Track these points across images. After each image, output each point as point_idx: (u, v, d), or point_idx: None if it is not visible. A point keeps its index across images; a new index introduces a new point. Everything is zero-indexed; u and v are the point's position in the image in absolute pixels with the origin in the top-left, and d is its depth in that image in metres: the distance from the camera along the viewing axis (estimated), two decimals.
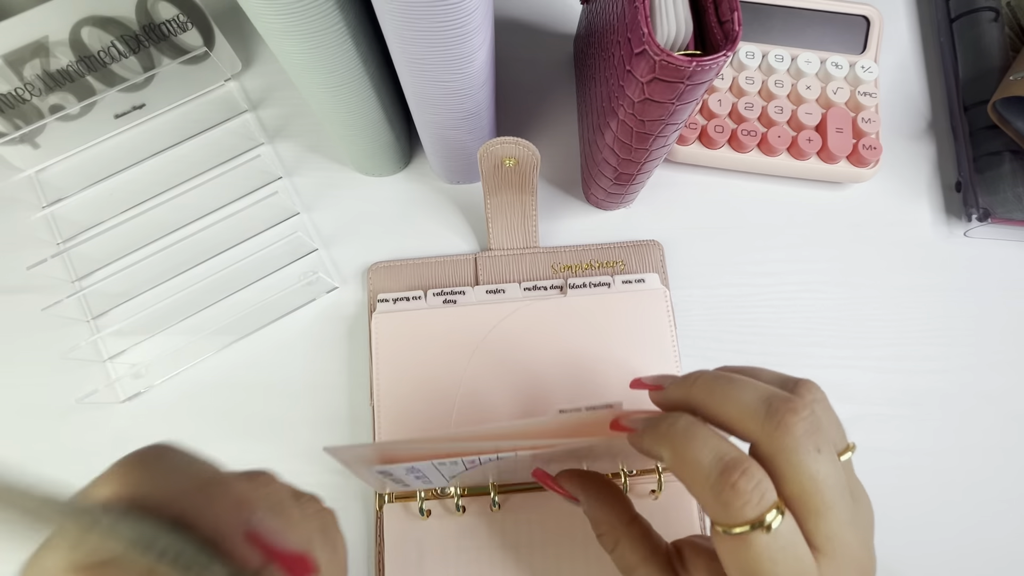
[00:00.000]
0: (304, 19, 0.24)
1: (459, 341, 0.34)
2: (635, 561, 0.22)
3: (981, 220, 0.37)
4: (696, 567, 0.20)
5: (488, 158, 0.32)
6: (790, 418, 0.18)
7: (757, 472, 0.17)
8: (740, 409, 0.18)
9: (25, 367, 0.36)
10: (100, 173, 0.39)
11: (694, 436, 0.18)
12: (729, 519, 0.17)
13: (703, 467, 0.17)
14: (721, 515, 0.17)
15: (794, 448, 0.17)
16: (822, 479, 0.17)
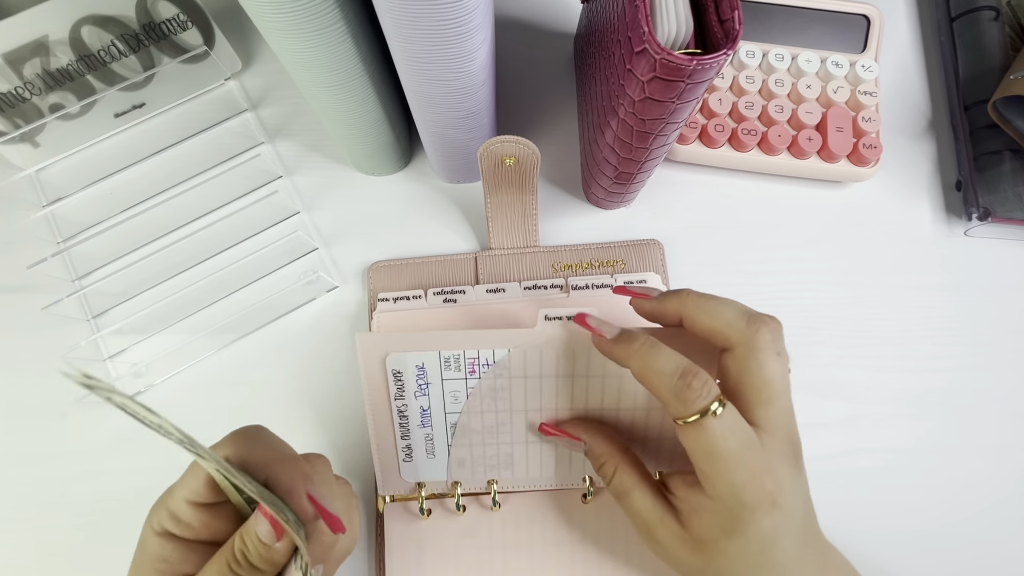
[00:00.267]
0: (304, 18, 0.24)
1: None
2: (630, 484, 0.26)
3: (981, 219, 0.37)
4: (675, 483, 0.25)
5: (488, 157, 0.32)
6: (764, 326, 0.23)
7: (704, 375, 0.23)
8: (726, 318, 0.24)
9: (25, 367, 0.36)
10: (100, 172, 0.39)
11: (659, 351, 0.24)
12: (686, 411, 0.22)
13: (666, 373, 0.23)
14: (680, 409, 0.23)
15: (764, 348, 0.23)
16: (779, 376, 0.24)
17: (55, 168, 0.39)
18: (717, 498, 0.23)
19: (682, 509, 0.25)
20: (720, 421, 0.22)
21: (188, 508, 0.22)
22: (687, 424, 0.23)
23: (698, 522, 0.24)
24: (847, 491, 0.34)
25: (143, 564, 0.22)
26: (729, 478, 0.22)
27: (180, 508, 0.22)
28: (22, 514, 0.33)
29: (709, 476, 0.23)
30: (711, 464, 0.23)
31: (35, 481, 0.34)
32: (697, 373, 0.23)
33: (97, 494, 0.34)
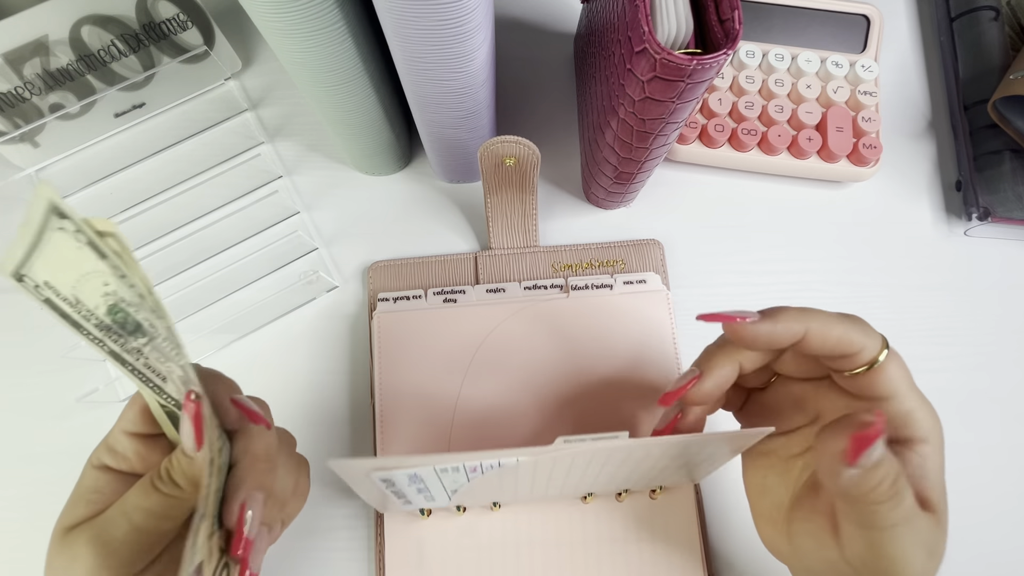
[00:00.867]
0: (304, 18, 0.24)
1: (460, 340, 0.34)
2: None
3: (981, 219, 0.37)
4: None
5: (488, 157, 0.32)
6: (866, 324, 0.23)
7: None
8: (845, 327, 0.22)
9: (25, 367, 0.36)
10: (100, 172, 0.39)
11: (815, 310, 0.22)
12: (878, 344, 0.22)
13: (839, 316, 0.22)
14: (873, 344, 0.22)
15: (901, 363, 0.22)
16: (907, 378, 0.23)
17: (55, 168, 0.39)
18: (931, 432, 0.23)
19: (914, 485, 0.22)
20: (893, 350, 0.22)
21: (124, 439, 0.22)
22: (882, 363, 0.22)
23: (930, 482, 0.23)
24: None
25: (77, 498, 0.22)
26: (922, 398, 0.22)
27: (117, 440, 0.22)
28: (22, 514, 0.33)
29: (913, 408, 0.22)
30: (911, 388, 0.22)
31: (35, 481, 0.34)
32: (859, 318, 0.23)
33: None
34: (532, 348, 0.34)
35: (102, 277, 0.19)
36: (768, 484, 0.25)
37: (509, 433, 0.33)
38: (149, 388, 0.22)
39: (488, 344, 0.34)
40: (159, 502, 0.21)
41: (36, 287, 0.19)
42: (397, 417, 0.33)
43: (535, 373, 0.34)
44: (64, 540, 0.21)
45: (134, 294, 0.20)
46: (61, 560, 0.21)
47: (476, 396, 0.34)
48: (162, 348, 0.21)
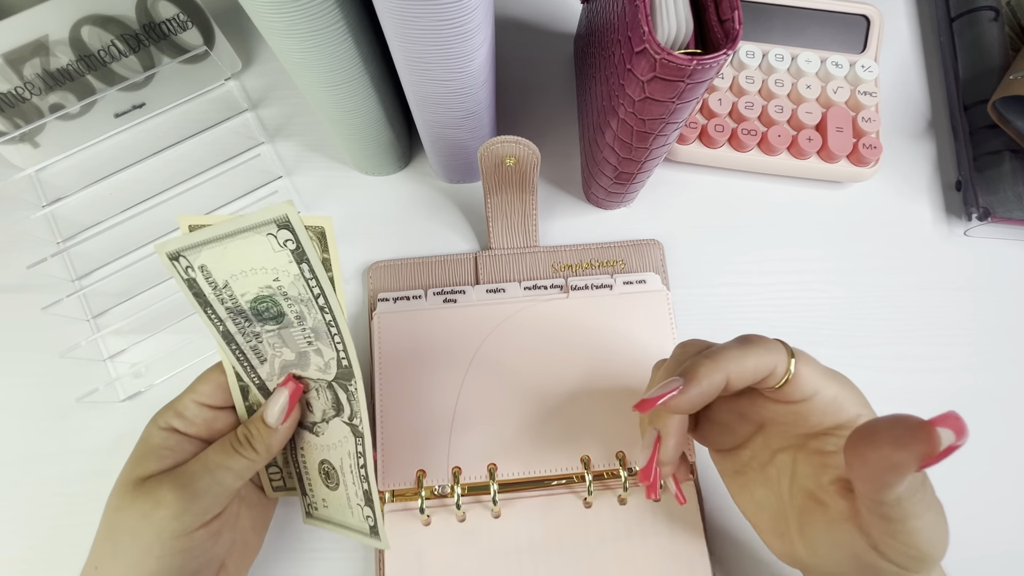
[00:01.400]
0: (304, 18, 0.24)
1: (460, 340, 0.34)
2: None
3: (981, 219, 0.37)
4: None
5: (488, 157, 0.32)
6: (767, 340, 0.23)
7: None
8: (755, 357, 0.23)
9: (25, 367, 0.36)
10: (100, 172, 0.39)
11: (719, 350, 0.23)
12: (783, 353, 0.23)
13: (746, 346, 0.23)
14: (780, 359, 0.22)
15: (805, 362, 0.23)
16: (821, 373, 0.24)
17: (55, 168, 0.39)
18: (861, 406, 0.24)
19: None
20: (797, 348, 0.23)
21: (195, 407, 0.26)
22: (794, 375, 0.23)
23: None
24: None
25: (146, 453, 0.25)
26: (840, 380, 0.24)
27: (187, 407, 0.26)
28: (22, 514, 0.33)
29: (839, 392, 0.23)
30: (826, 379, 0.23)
31: (35, 481, 0.34)
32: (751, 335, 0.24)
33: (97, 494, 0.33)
34: (532, 348, 0.34)
35: (278, 274, 0.23)
36: (759, 498, 0.26)
37: (509, 433, 0.33)
38: (242, 366, 0.26)
39: (488, 344, 0.34)
40: (238, 462, 0.25)
41: (187, 268, 0.23)
42: (397, 417, 0.33)
43: (535, 373, 0.34)
44: (142, 488, 0.24)
45: (306, 289, 0.23)
46: (143, 504, 0.24)
47: (476, 396, 0.34)
48: (291, 336, 0.25)
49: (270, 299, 0.24)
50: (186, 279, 0.23)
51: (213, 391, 0.26)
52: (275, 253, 0.23)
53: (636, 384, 0.34)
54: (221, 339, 0.25)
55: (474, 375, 0.34)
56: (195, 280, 0.23)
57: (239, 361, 0.26)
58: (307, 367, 0.26)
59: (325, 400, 0.26)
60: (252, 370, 0.26)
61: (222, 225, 0.22)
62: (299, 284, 0.23)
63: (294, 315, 0.24)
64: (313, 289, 0.23)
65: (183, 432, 0.26)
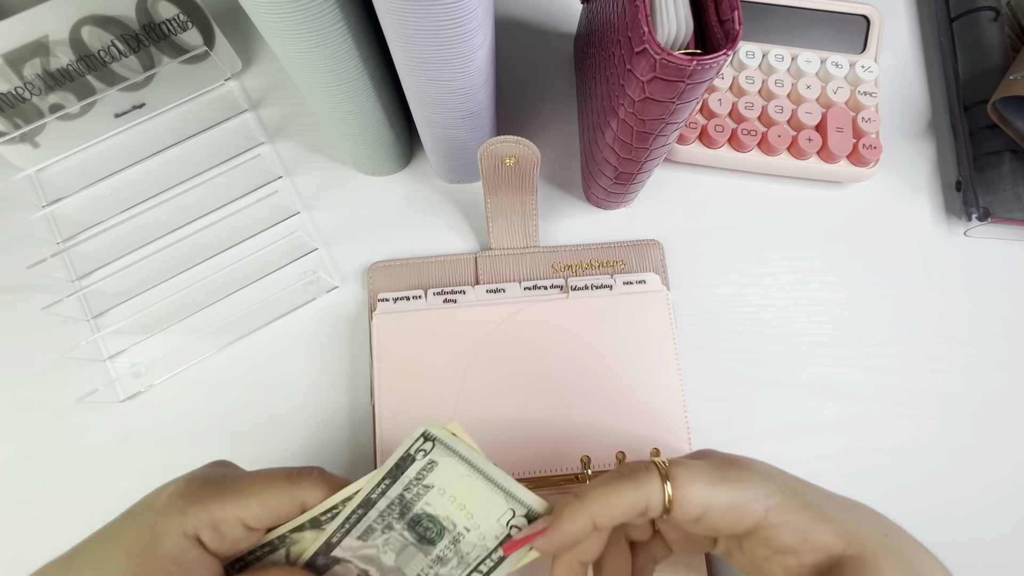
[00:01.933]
0: (304, 18, 0.24)
1: (460, 341, 0.34)
2: None
3: (981, 219, 0.37)
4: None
5: (488, 157, 0.32)
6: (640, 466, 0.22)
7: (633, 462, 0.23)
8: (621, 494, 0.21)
9: (25, 367, 0.36)
10: (100, 172, 0.39)
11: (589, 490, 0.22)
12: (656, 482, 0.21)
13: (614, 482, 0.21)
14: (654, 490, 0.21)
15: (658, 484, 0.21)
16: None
17: (55, 168, 0.39)
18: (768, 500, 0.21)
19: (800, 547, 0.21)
20: (674, 462, 0.22)
21: (238, 527, 0.21)
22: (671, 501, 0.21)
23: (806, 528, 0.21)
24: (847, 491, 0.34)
25: (154, 560, 0.20)
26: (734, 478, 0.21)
27: (230, 524, 0.21)
28: (22, 514, 0.33)
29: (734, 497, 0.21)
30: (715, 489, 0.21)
31: (35, 481, 0.34)
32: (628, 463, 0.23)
33: (97, 494, 0.34)
34: (532, 348, 0.34)
35: (473, 528, 0.22)
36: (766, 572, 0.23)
37: (509, 433, 0.33)
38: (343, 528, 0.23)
39: (488, 344, 0.34)
40: None
41: (420, 451, 0.23)
42: (396, 417, 0.33)
43: (535, 373, 0.34)
44: None
45: (478, 560, 0.22)
46: None
47: (476, 396, 0.34)
48: (414, 561, 0.23)
49: (440, 528, 0.22)
50: (408, 453, 0.23)
51: (266, 517, 0.21)
52: (495, 520, 0.22)
53: (636, 384, 0.34)
54: (361, 501, 0.23)
55: (474, 375, 0.34)
56: (412, 459, 0.23)
57: (346, 520, 0.23)
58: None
59: None
60: (344, 532, 0.23)
61: (484, 460, 0.22)
62: (477, 551, 0.22)
63: (438, 554, 0.22)
64: (482, 566, 0.22)
65: (206, 546, 0.21)
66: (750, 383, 0.36)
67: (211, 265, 0.37)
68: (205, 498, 0.21)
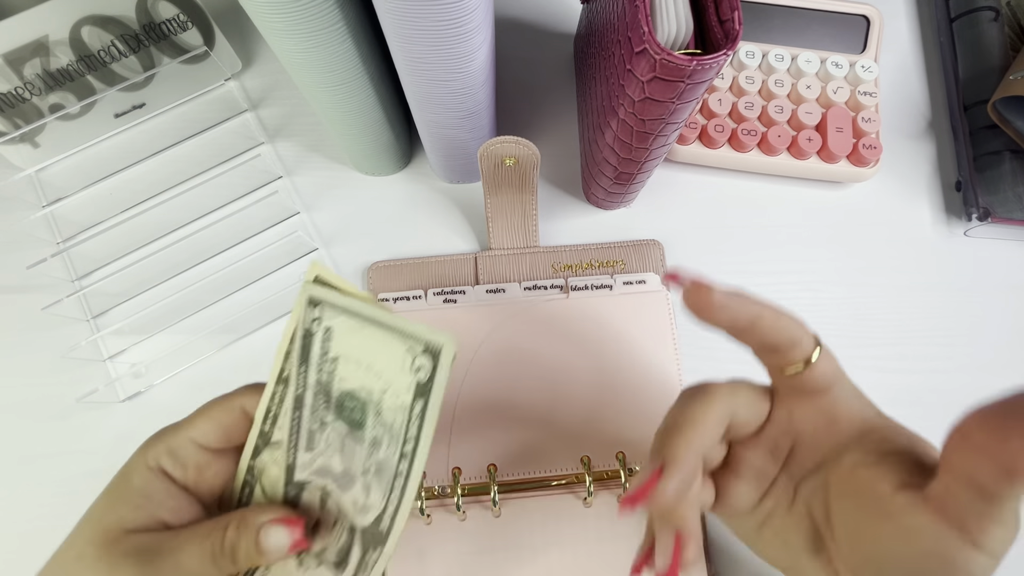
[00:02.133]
0: (304, 18, 0.24)
1: (460, 341, 0.34)
2: None
3: (981, 219, 0.37)
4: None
5: (488, 157, 0.32)
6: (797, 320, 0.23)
7: None
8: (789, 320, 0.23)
9: (25, 367, 0.36)
10: (100, 172, 0.39)
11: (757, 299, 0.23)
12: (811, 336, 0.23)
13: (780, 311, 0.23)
14: (809, 338, 0.23)
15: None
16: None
17: (55, 168, 0.39)
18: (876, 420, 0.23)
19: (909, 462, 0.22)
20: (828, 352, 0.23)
21: (193, 448, 0.22)
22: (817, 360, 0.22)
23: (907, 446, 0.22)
24: None
25: (124, 495, 0.22)
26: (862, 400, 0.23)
27: (183, 446, 0.22)
28: (22, 514, 0.33)
29: (852, 393, 0.24)
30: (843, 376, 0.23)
31: (36, 481, 0.34)
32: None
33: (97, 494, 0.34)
34: (532, 349, 0.34)
35: (387, 390, 0.20)
36: (792, 543, 0.24)
37: (509, 433, 0.33)
38: (290, 436, 0.22)
39: (488, 345, 0.34)
40: (212, 573, 0.21)
41: (316, 320, 0.21)
42: None
43: (535, 373, 0.34)
44: (107, 553, 0.20)
45: (402, 426, 0.20)
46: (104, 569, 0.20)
47: (475, 397, 0.34)
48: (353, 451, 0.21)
49: (360, 404, 0.21)
50: (306, 328, 0.21)
51: (215, 432, 0.22)
52: (400, 369, 0.20)
53: (636, 384, 0.34)
54: (292, 401, 0.22)
55: (474, 376, 0.34)
56: (312, 335, 0.21)
57: (291, 430, 0.22)
58: (344, 491, 0.21)
59: (335, 540, 0.22)
60: (294, 446, 0.22)
61: (371, 307, 0.20)
62: (400, 415, 0.20)
63: (370, 437, 0.21)
64: (409, 430, 0.20)
65: (170, 475, 0.22)
66: None
67: (211, 265, 0.37)
68: (161, 434, 0.23)
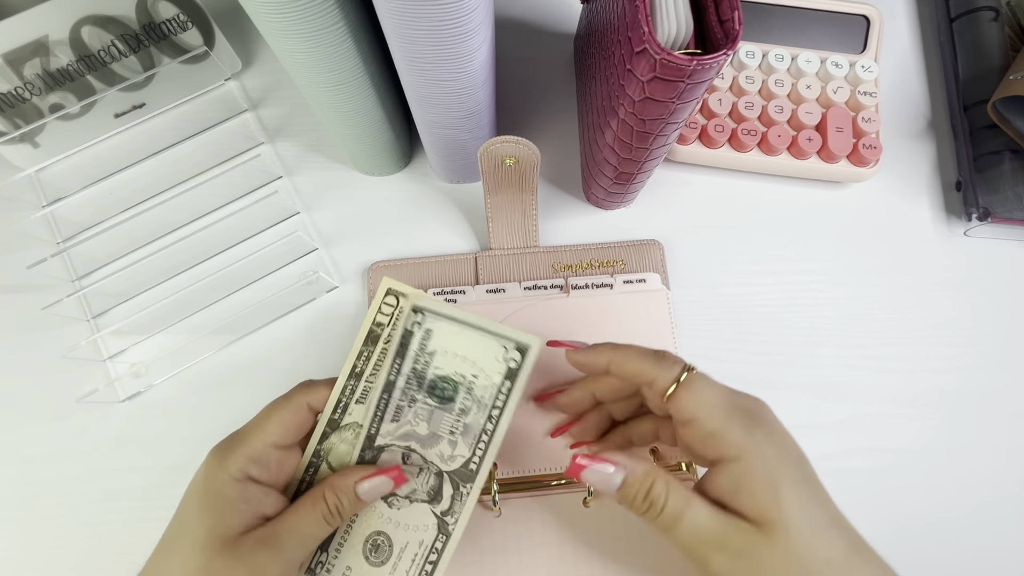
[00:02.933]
0: (304, 18, 0.24)
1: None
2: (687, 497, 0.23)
3: (981, 219, 0.37)
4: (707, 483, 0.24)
5: (488, 157, 0.32)
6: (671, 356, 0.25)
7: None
8: (641, 362, 0.25)
9: (25, 367, 0.36)
10: (100, 172, 0.39)
11: (627, 345, 0.26)
12: (672, 373, 0.24)
13: (643, 354, 0.25)
14: (667, 374, 0.24)
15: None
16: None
17: (55, 168, 0.39)
18: (741, 450, 0.22)
19: (728, 502, 0.23)
20: (702, 375, 0.24)
21: (273, 451, 0.25)
22: (677, 389, 0.24)
23: (747, 496, 0.22)
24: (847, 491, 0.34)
25: (226, 508, 0.23)
26: (740, 420, 0.23)
27: (265, 452, 0.25)
28: (22, 514, 0.33)
29: (719, 428, 0.23)
30: (715, 412, 0.23)
31: (36, 481, 0.34)
32: (664, 350, 0.25)
33: (98, 494, 0.34)
34: None
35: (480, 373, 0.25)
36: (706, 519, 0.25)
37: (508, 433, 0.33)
38: (374, 414, 0.27)
39: None
40: (325, 531, 0.25)
41: (416, 324, 0.26)
42: None
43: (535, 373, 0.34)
44: (235, 551, 0.23)
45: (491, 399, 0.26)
46: (241, 571, 0.23)
47: None
48: (441, 418, 0.26)
49: (454, 385, 0.26)
50: (407, 329, 0.26)
51: (287, 432, 0.26)
52: (494, 360, 0.25)
53: None
54: (381, 385, 0.26)
55: None
56: (411, 334, 0.26)
57: (376, 409, 0.26)
58: (430, 448, 0.26)
59: (423, 483, 0.27)
60: (378, 421, 0.27)
61: (472, 315, 0.25)
62: (490, 391, 0.25)
63: (460, 407, 0.26)
64: (497, 401, 0.25)
65: (257, 480, 0.25)
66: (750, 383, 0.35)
67: (211, 265, 0.37)
68: (233, 446, 0.25)
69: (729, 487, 0.23)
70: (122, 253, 0.37)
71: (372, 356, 0.27)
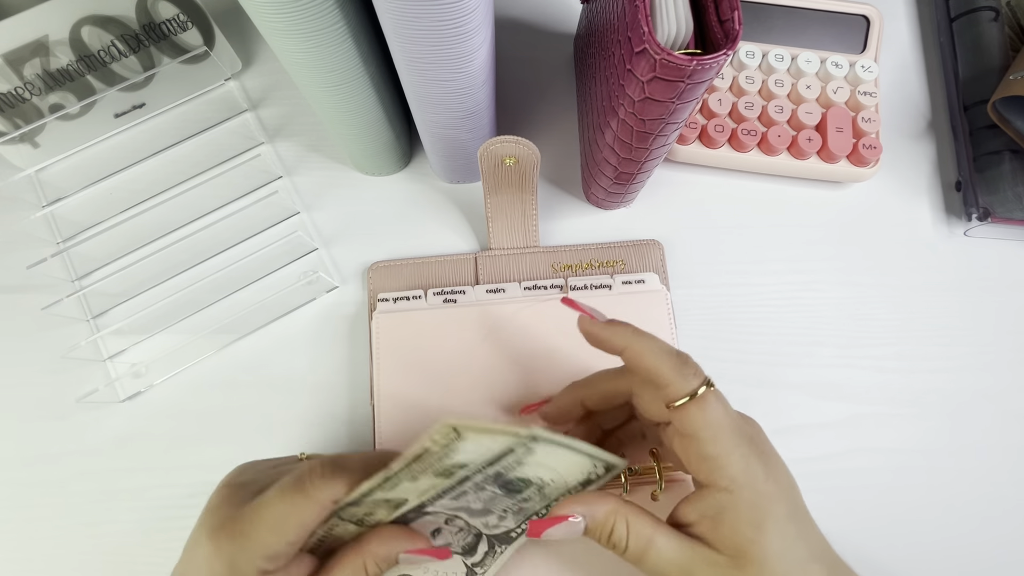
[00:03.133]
0: (304, 18, 0.24)
1: (460, 341, 0.34)
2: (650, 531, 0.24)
3: (981, 219, 0.37)
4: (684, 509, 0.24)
5: (488, 157, 0.32)
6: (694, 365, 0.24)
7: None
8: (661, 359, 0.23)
9: (25, 367, 0.36)
10: (100, 172, 0.39)
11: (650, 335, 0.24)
12: (688, 386, 0.23)
13: (664, 352, 0.23)
14: (682, 385, 0.23)
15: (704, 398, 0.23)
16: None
17: (55, 168, 0.39)
18: (734, 482, 0.22)
19: (706, 530, 0.23)
20: (718, 394, 0.23)
21: (289, 549, 0.23)
22: (687, 403, 0.23)
23: (728, 529, 0.22)
24: (846, 491, 0.34)
25: None
26: (741, 450, 0.22)
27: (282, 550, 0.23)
28: (22, 514, 0.33)
29: (720, 454, 0.22)
30: (719, 437, 0.22)
31: (36, 482, 0.34)
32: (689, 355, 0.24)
33: (98, 494, 0.34)
34: (532, 348, 0.34)
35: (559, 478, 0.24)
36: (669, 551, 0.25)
37: None
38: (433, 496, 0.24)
39: (488, 344, 0.34)
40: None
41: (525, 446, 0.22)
42: (396, 418, 0.33)
43: (535, 373, 0.34)
44: None
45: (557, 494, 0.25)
46: None
47: (476, 397, 0.34)
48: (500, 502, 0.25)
49: (526, 482, 0.24)
50: (507, 450, 0.22)
51: (304, 532, 0.23)
52: (579, 472, 0.24)
53: None
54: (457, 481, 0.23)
55: (474, 375, 0.34)
56: (512, 451, 0.22)
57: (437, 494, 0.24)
58: (477, 518, 0.26)
59: (459, 537, 0.26)
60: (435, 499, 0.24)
61: (578, 442, 0.23)
62: (559, 491, 0.25)
63: (524, 497, 0.25)
64: (561, 497, 0.25)
65: (274, 572, 0.23)
66: (750, 383, 0.36)
67: (211, 265, 0.37)
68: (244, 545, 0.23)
69: (711, 513, 0.23)
70: (122, 253, 0.37)
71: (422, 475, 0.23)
